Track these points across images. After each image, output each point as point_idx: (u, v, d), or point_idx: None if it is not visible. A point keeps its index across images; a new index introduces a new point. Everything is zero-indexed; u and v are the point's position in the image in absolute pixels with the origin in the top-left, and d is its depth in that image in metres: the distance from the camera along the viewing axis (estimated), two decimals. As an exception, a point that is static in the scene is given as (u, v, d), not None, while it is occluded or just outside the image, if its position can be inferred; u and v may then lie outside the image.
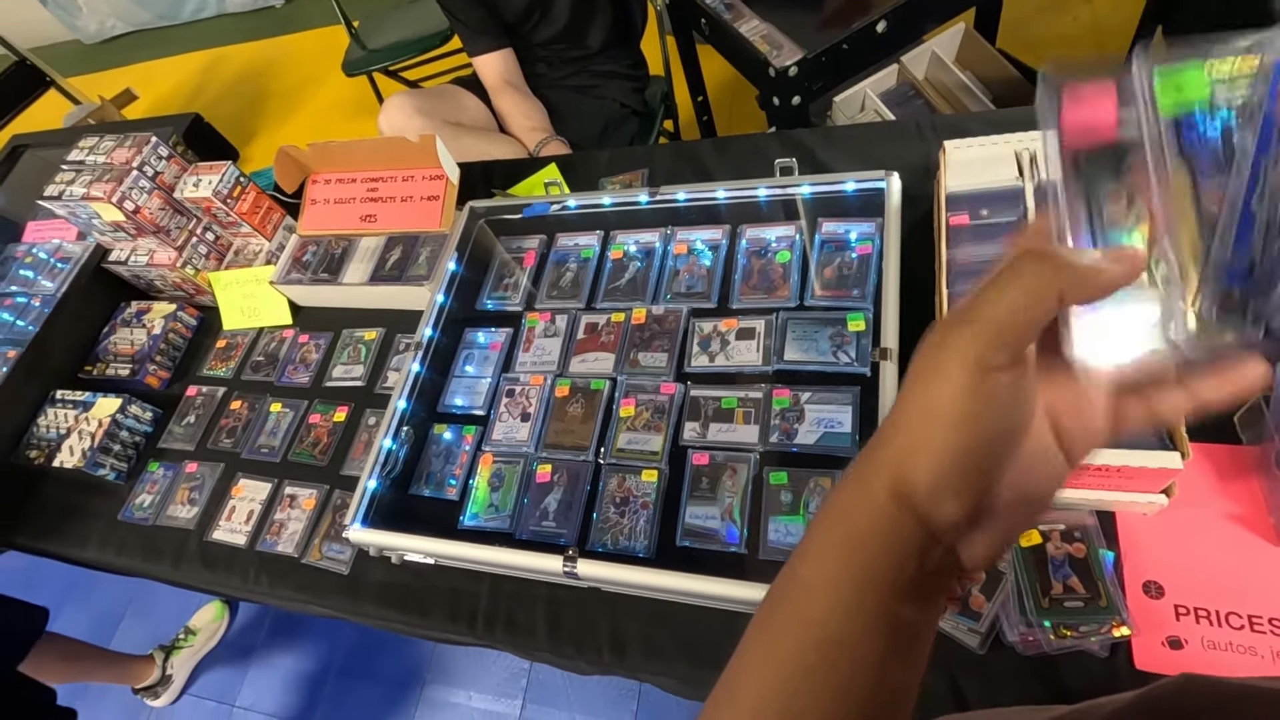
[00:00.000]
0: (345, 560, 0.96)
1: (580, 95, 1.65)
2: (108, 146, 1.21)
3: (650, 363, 0.95)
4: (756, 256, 1.00)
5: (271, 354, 1.21)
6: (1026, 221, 0.79)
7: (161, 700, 1.74)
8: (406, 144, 1.13)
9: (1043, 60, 0.29)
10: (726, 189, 1.03)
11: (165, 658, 1.75)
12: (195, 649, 1.79)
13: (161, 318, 1.27)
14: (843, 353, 0.87)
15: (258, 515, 1.04)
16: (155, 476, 1.14)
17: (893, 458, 0.28)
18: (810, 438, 0.83)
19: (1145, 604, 0.66)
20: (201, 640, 1.80)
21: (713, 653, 0.77)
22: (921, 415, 0.27)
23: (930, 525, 0.27)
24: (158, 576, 1.08)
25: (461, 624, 0.88)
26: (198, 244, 1.25)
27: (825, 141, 1.10)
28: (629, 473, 0.88)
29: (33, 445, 1.16)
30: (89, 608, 2.07)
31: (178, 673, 1.75)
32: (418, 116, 1.49)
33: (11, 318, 1.31)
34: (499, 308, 1.09)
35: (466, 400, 1.02)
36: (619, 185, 1.20)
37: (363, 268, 1.17)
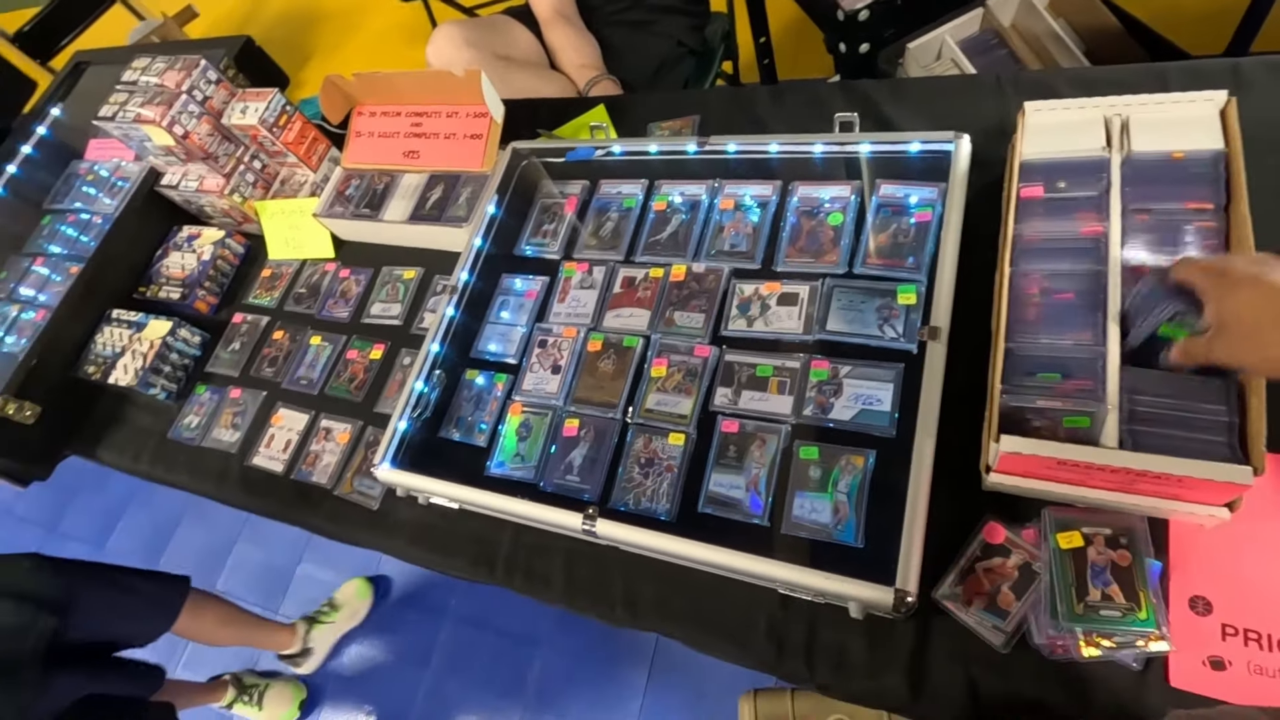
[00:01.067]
0: (375, 496, 0.98)
1: (635, 31, 1.57)
2: (159, 68, 1.21)
3: (686, 323, 0.92)
4: (807, 217, 0.94)
5: (314, 286, 1.22)
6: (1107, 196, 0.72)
7: (304, 669, 1.74)
8: (452, 78, 1.09)
9: (1151, 8, 0.24)
10: (780, 143, 0.97)
11: (307, 630, 1.72)
12: (337, 625, 1.73)
13: (211, 244, 1.29)
14: (889, 326, 0.83)
15: (295, 445, 1.07)
16: (202, 399, 1.18)
17: None
18: (846, 414, 0.80)
19: (1190, 620, 0.62)
20: (344, 617, 1.76)
21: (728, 620, 0.77)
22: None
23: None
24: (202, 494, 1.13)
25: (482, 567, 0.90)
26: (245, 172, 1.25)
27: (892, 95, 1.02)
28: (656, 434, 0.86)
29: (90, 361, 1.21)
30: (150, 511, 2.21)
31: (318, 646, 1.73)
32: (467, 48, 1.44)
33: (75, 233, 1.35)
34: (537, 254, 1.07)
35: (500, 347, 1.01)
36: (668, 132, 1.14)
37: (403, 205, 1.15)
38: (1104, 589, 0.62)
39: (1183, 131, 0.73)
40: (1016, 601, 0.66)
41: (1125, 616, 0.61)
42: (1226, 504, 0.60)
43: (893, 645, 0.69)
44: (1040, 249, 0.73)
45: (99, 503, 2.30)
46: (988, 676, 0.65)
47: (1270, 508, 0.64)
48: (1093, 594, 0.62)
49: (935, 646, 0.68)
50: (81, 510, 2.32)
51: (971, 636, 0.66)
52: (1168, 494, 0.61)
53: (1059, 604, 0.62)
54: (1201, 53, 1.39)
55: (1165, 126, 0.74)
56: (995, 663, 0.65)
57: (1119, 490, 0.63)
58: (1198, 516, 0.63)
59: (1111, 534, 0.64)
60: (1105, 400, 0.62)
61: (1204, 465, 0.56)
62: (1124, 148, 0.74)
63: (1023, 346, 0.68)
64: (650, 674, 1.55)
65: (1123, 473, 0.59)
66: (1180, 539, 0.65)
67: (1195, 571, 0.64)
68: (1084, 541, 0.64)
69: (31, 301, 1.29)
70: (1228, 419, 0.59)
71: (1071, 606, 0.62)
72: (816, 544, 0.74)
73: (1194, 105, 0.74)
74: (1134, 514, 0.65)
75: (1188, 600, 0.63)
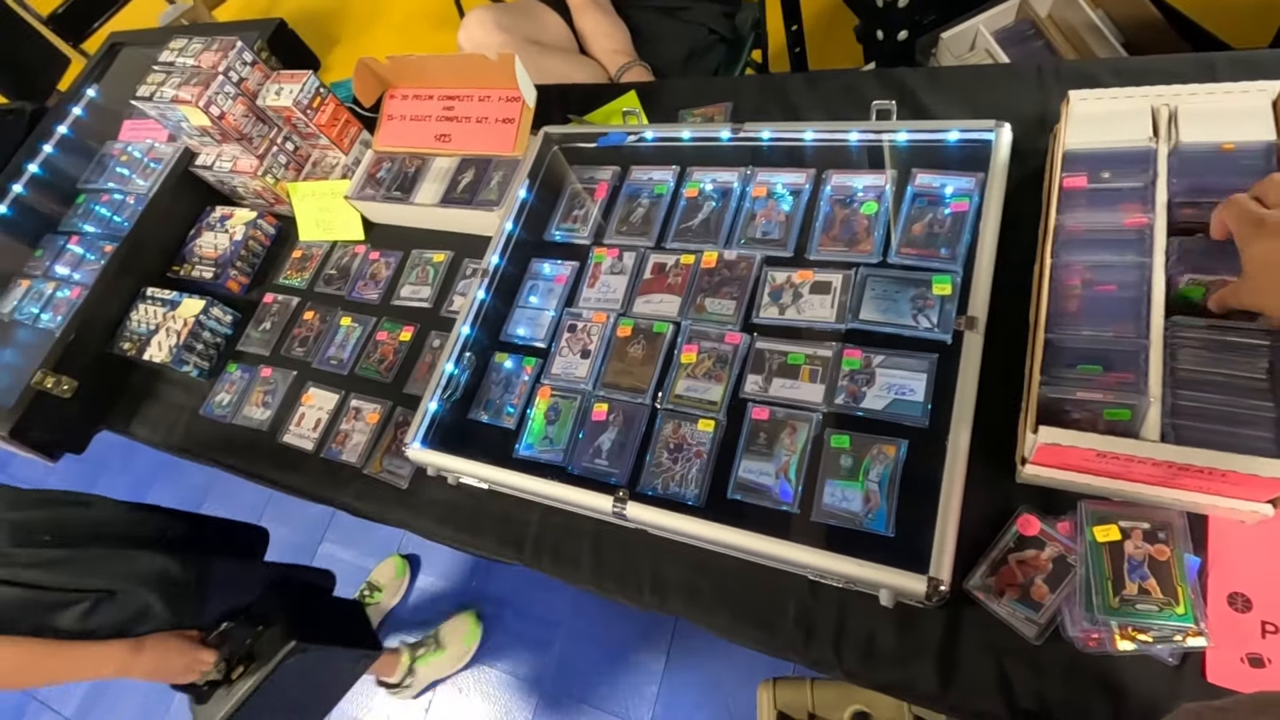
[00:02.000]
0: (404, 475, 0.99)
1: (666, 17, 1.56)
2: (195, 49, 1.22)
3: (717, 310, 0.92)
4: (840, 205, 0.94)
5: (344, 268, 1.23)
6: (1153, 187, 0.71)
7: None
8: (485, 62, 1.09)
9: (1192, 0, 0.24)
10: (815, 130, 0.96)
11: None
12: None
13: (243, 224, 1.30)
14: (924, 316, 0.82)
15: (325, 424, 1.08)
16: (233, 377, 1.20)
17: None
18: (878, 403, 0.80)
19: (1228, 616, 0.61)
20: (386, 598, 1.79)
21: (755, 606, 0.77)
22: None
23: None
24: (233, 469, 1.15)
25: (510, 548, 0.91)
26: (278, 153, 1.26)
27: (929, 83, 1.01)
28: (685, 420, 0.87)
29: (125, 338, 1.23)
30: (177, 489, 2.26)
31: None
32: (498, 33, 1.44)
33: (109, 213, 1.37)
34: (567, 239, 1.07)
35: (529, 331, 1.01)
36: (700, 119, 1.13)
37: (434, 188, 1.16)
38: (1141, 583, 0.62)
39: (1233, 122, 0.71)
40: (1050, 594, 0.65)
41: (1162, 611, 0.61)
42: (1270, 500, 0.60)
43: (923, 635, 0.69)
44: (1083, 240, 0.72)
45: (125, 478, 2.35)
46: (1019, 668, 0.65)
47: (1314, 506, 0.63)
48: (1129, 588, 0.62)
49: (966, 637, 0.68)
50: (108, 486, 2.36)
51: (1003, 628, 0.66)
52: (1210, 489, 0.60)
53: (1095, 596, 0.62)
54: (1246, 45, 1.36)
55: (1215, 117, 0.72)
56: (1028, 655, 0.65)
57: (1159, 484, 0.62)
58: (1239, 513, 0.62)
59: (1150, 528, 0.64)
60: (1148, 393, 0.61)
61: (1252, 460, 0.55)
62: (1171, 138, 0.73)
63: (1063, 338, 0.68)
64: (668, 660, 1.56)
65: (1164, 466, 0.59)
66: (1220, 535, 0.64)
67: (1235, 568, 0.63)
68: (1121, 535, 0.64)
69: (67, 280, 1.31)
70: (1275, 415, 0.58)
71: (1108, 599, 0.62)
72: (847, 532, 0.74)
73: (1245, 96, 0.73)
74: (1173, 509, 0.64)
75: (1226, 597, 0.62)
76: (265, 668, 1.10)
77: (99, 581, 1.04)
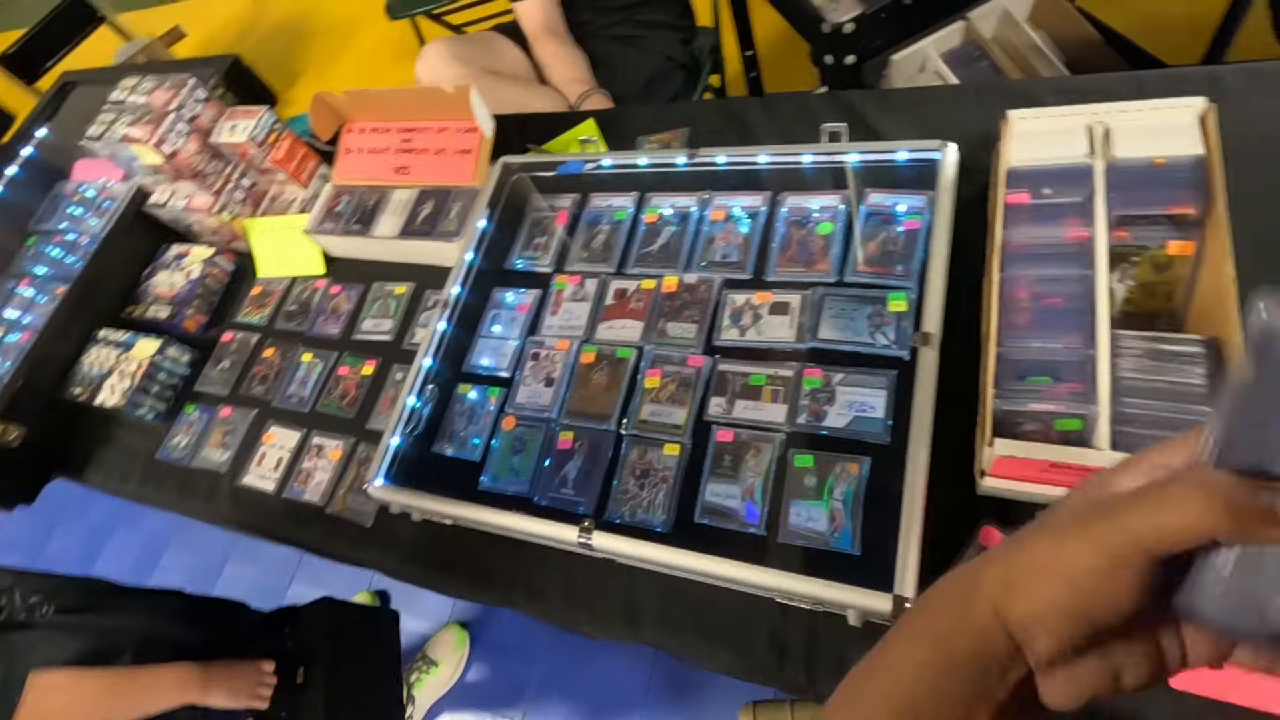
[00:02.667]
0: (369, 513, 0.97)
1: (624, 46, 1.59)
2: (148, 87, 1.21)
3: (679, 333, 0.92)
4: (797, 226, 0.95)
5: (304, 303, 1.22)
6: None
7: None
8: (442, 94, 1.10)
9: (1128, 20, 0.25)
10: (769, 154, 0.98)
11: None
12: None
13: (200, 262, 1.28)
14: (881, 334, 0.83)
15: (286, 463, 1.06)
16: (191, 419, 1.17)
17: (1001, 579, 0.29)
18: (840, 421, 0.80)
19: (1186, 620, 0.62)
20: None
21: (729, 630, 0.76)
22: (1042, 561, 0.28)
23: (1017, 645, 0.29)
24: (191, 514, 1.12)
25: (478, 584, 0.89)
26: (234, 189, 1.25)
27: (879, 105, 1.04)
28: (651, 445, 0.86)
29: (77, 382, 1.20)
30: (138, 534, 2.18)
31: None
32: (456, 64, 1.45)
33: (61, 254, 1.34)
34: (529, 268, 1.07)
35: (492, 361, 1.01)
36: (657, 145, 1.15)
37: (394, 220, 1.15)
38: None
39: (1163, 137, 0.74)
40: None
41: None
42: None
43: (892, 653, 0.69)
44: (1028, 254, 0.74)
45: (83, 527, 2.27)
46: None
47: (1262, 507, 0.64)
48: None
49: None
50: (65, 536, 2.28)
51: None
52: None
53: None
54: (1179, 62, 1.42)
55: (1146, 133, 0.75)
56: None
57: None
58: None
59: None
60: (1096, 402, 0.63)
61: (1196, 465, 0.56)
62: (1107, 154, 0.76)
63: (1013, 351, 0.69)
64: (649, 689, 1.54)
65: (1116, 474, 0.60)
66: (1174, 539, 0.65)
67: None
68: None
69: (16, 324, 1.27)
70: (1217, 419, 0.60)
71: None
72: (814, 552, 0.74)
73: (1174, 112, 0.76)
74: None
75: (1184, 601, 0.63)
76: None
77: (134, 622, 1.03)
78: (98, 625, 1.01)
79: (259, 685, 1.07)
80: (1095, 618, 0.27)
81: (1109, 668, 0.29)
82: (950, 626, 0.30)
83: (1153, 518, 0.26)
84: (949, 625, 0.30)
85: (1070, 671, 0.29)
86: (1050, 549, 0.28)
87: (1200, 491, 0.25)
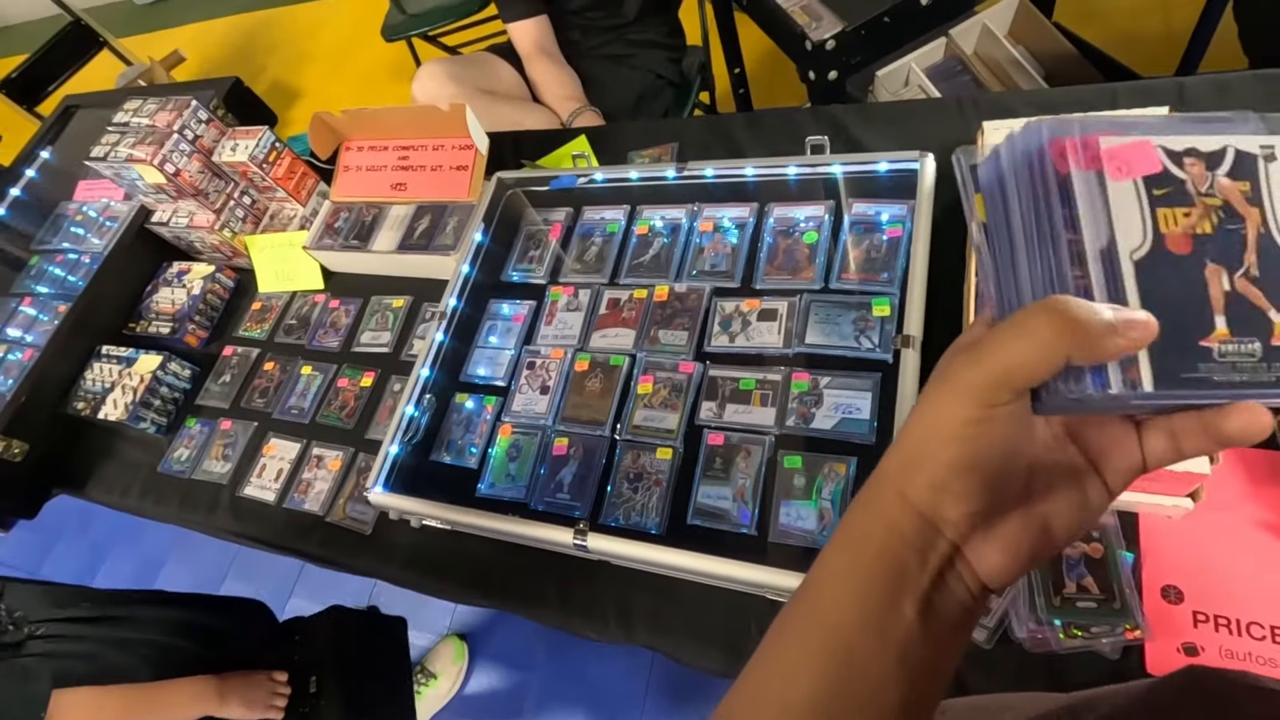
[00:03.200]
0: (368, 521, 0.99)
1: (615, 64, 1.63)
2: (150, 109, 1.24)
3: (670, 340, 0.95)
4: (783, 236, 0.98)
5: (304, 318, 1.24)
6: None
7: None
8: (437, 113, 1.13)
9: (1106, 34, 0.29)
10: (755, 166, 1.01)
11: None
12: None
13: (201, 278, 1.31)
14: (865, 338, 0.86)
15: (286, 473, 1.07)
16: (192, 432, 1.19)
17: (898, 463, 0.30)
18: (827, 423, 0.82)
19: (1163, 608, 0.64)
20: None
21: (719, 630, 0.78)
22: (926, 429, 0.29)
23: (931, 522, 0.29)
24: (192, 525, 1.13)
25: (476, 588, 0.90)
26: (235, 207, 1.27)
27: (861, 118, 1.07)
28: (644, 449, 0.88)
29: (80, 397, 1.22)
30: (137, 550, 2.18)
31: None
32: (451, 84, 1.48)
33: (63, 273, 1.37)
34: (524, 279, 1.10)
35: (488, 370, 1.03)
36: (647, 159, 1.18)
37: (392, 236, 1.18)
38: (1079, 581, 0.64)
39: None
40: (997, 598, 0.68)
41: (1101, 608, 0.63)
42: (1189, 494, 0.63)
43: (880, 647, 0.71)
44: (1004, 259, 0.76)
45: (82, 544, 2.27)
46: (973, 672, 0.66)
47: (1232, 498, 0.67)
48: (1069, 586, 0.64)
49: None
50: (64, 553, 2.28)
51: (956, 634, 0.68)
52: (1134, 486, 0.63)
53: (1037, 597, 0.64)
54: (1154, 74, 1.46)
55: (1115, 141, 0.78)
56: (980, 658, 0.67)
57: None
58: (1164, 508, 0.65)
59: (1084, 528, 0.66)
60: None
61: (1164, 456, 0.58)
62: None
63: (991, 351, 0.71)
64: (646, 696, 1.54)
65: (1090, 467, 0.62)
66: (1150, 531, 0.67)
67: (1165, 562, 0.66)
68: (1058, 536, 0.67)
69: (19, 342, 1.29)
70: (1185, 412, 0.62)
71: (1049, 599, 0.64)
72: (804, 550, 0.76)
73: (1140, 121, 0.79)
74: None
75: (1160, 590, 0.65)
76: None
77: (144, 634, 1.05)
78: (114, 637, 1.02)
79: (274, 695, 1.08)
80: (990, 465, 0.28)
81: (1035, 520, 0.29)
82: (864, 528, 0.30)
83: (1011, 351, 0.26)
84: (862, 528, 0.30)
85: (998, 536, 0.29)
86: (930, 414, 0.28)
87: (1047, 315, 0.25)
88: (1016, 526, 0.29)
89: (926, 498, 0.28)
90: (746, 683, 0.32)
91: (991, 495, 0.28)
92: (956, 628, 0.30)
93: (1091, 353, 0.25)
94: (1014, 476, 0.29)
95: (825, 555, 0.32)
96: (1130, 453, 0.30)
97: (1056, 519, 0.29)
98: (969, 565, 0.29)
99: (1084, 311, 0.25)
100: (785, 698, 0.30)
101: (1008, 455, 0.28)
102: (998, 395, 0.26)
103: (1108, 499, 0.30)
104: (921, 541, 0.29)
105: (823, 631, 0.30)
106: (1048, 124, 0.28)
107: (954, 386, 0.27)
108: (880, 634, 0.28)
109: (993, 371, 0.26)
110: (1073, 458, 0.30)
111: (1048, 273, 0.28)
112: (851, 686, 0.29)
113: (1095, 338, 0.25)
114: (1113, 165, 0.27)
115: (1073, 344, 0.25)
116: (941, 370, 0.29)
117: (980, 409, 0.27)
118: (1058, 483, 0.30)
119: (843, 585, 0.30)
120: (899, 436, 0.30)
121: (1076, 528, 0.30)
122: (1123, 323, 0.25)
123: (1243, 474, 0.67)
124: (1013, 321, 0.26)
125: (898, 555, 0.29)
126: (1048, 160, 0.28)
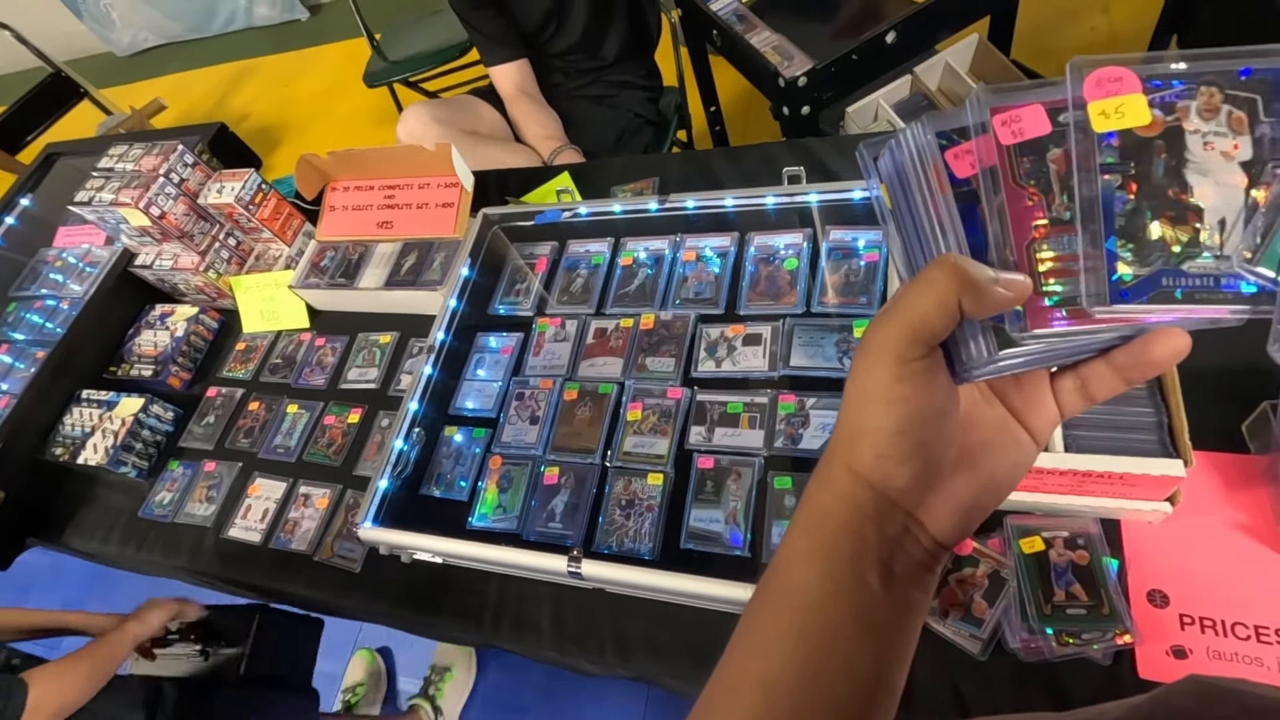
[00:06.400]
0: (357, 559, 0.98)
1: (595, 105, 1.68)
2: (136, 154, 1.25)
3: (658, 368, 0.96)
4: (764, 263, 1.01)
5: (289, 356, 1.24)
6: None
7: None
8: (423, 152, 1.15)
9: (1058, 69, 0.31)
10: (735, 197, 1.04)
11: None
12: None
13: (184, 320, 1.30)
14: (848, 359, 0.88)
15: (273, 513, 1.06)
16: (175, 475, 1.17)
17: (843, 438, 0.31)
18: (815, 443, 0.84)
19: (1150, 613, 0.66)
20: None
21: (717, 653, 0.77)
22: (860, 399, 0.30)
23: (882, 491, 0.30)
24: (175, 571, 1.10)
25: (469, 622, 0.89)
26: (220, 249, 1.28)
27: (835, 150, 1.11)
28: (635, 476, 0.89)
29: (58, 443, 1.19)
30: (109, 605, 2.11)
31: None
32: (435, 125, 1.52)
33: (41, 319, 1.35)
34: (511, 313, 1.11)
35: (477, 403, 1.03)
36: (630, 193, 1.21)
37: (378, 273, 1.19)
38: (1067, 588, 0.66)
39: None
40: (989, 609, 0.68)
41: (1090, 614, 0.64)
42: (1167, 498, 0.65)
43: (878, 663, 0.71)
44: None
45: (52, 599, 2.19)
46: (970, 684, 0.67)
47: (1210, 502, 0.69)
48: (1058, 594, 0.66)
49: (917, 660, 0.68)
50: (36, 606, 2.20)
51: (951, 647, 0.68)
52: (1114, 492, 0.65)
53: (1028, 606, 0.65)
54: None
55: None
56: (976, 670, 0.67)
57: (1070, 493, 0.67)
58: (1144, 513, 0.67)
59: (1069, 535, 0.68)
60: (1048, 410, 0.67)
61: (1140, 461, 0.61)
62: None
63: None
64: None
65: (1070, 475, 0.64)
66: (1132, 537, 0.69)
67: (1150, 567, 0.67)
68: (1045, 545, 0.68)
69: (-4, 389, 1.27)
70: (1156, 419, 0.64)
71: (1040, 608, 0.65)
72: (797, 570, 0.76)
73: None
74: (1088, 517, 0.69)
75: (1145, 594, 0.66)
76: None
77: None
78: None
79: (182, 604, 1.14)
80: (924, 426, 0.29)
81: (980, 477, 0.31)
82: (821, 507, 0.32)
83: (914, 304, 0.28)
84: (820, 506, 0.32)
85: (948, 496, 0.31)
86: (859, 383, 0.30)
87: (942, 267, 0.27)
88: (963, 483, 0.31)
89: (874, 467, 0.30)
90: (725, 667, 0.34)
91: (931, 453, 0.30)
92: (917, 584, 0.31)
93: (980, 300, 0.27)
94: (949, 436, 0.30)
95: (789, 537, 0.33)
96: (1046, 406, 0.33)
97: (998, 471, 0.32)
98: (923, 527, 0.31)
99: (973, 265, 0.27)
100: (764, 676, 0.31)
101: (938, 413, 0.29)
102: (911, 350, 0.28)
103: (1035, 450, 0.33)
104: (876, 512, 0.30)
105: (793, 612, 0.31)
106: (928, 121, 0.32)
107: (874, 349, 0.29)
108: (849, 609, 0.30)
109: (902, 325, 0.28)
110: (1001, 415, 0.33)
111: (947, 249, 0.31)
112: (826, 661, 0.30)
113: (984, 285, 0.27)
114: (1005, 131, 0.30)
115: (964, 291, 0.27)
116: (864, 339, 0.31)
117: (899, 366, 0.28)
118: (992, 438, 0.32)
119: (807, 565, 0.31)
120: (840, 412, 0.32)
121: (1015, 478, 0.33)
122: (1004, 279, 0.27)
123: (1217, 479, 0.70)
124: (915, 278, 0.28)
125: (856, 529, 0.30)
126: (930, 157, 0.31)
